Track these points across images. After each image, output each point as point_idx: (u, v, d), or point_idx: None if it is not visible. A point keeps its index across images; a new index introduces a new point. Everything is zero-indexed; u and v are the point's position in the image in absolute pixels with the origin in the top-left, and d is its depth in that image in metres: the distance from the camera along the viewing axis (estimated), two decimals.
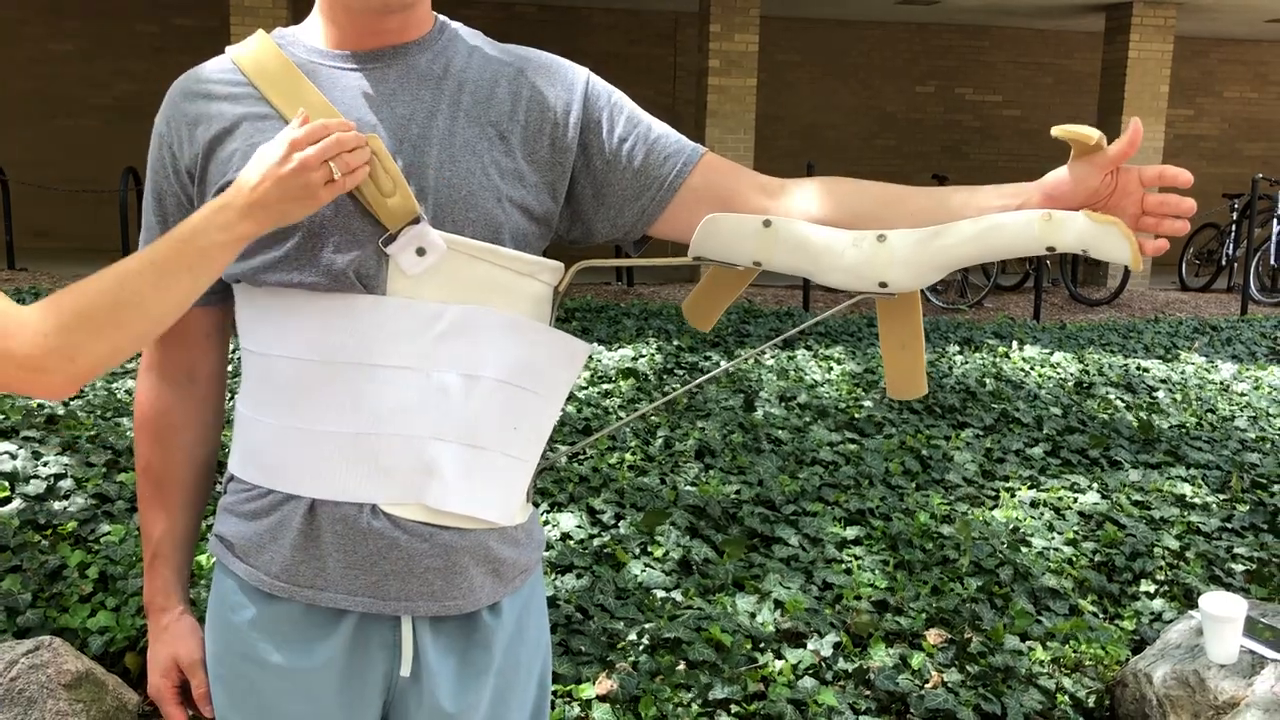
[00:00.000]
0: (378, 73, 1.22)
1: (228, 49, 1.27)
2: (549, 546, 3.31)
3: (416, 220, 1.17)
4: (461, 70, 1.25)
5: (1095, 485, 4.21)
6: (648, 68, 13.09)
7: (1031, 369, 6.02)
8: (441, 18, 1.29)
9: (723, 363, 5.47)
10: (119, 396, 4.37)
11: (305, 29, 1.27)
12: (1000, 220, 1.22)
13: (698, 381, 1.33)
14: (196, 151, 1.21)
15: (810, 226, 1.26)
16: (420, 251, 1.17)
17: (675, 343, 5.99)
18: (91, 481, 3.44)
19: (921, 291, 11.14)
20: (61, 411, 4.06)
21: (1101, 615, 3.32)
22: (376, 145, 1.16)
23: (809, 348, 6.03)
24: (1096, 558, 3.60)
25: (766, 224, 1.26)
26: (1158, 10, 11.18)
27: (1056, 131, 1.22)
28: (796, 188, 1.29)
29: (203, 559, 3.02)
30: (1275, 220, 10.65)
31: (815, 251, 1.25)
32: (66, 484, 3.41)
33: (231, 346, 4.15)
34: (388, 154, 1.17)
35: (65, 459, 3.56)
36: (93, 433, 3.83)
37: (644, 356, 5.53)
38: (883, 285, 1.24)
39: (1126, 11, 11.24)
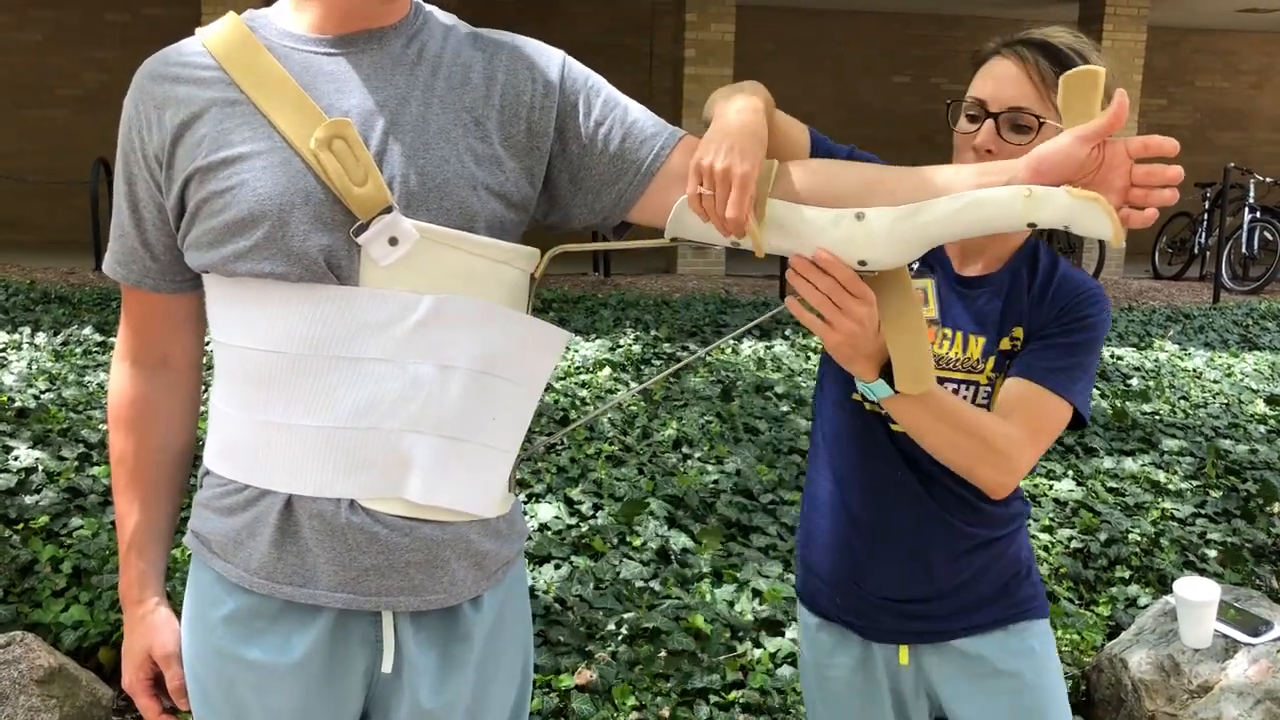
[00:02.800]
0: (352, 58, 1.20)
1: (197, 31, 1.24)
2: (527, 537, 3.30)
3: (388, 209, 1.14)
4: (436, 55, 1.23)
5: (1070, 473, 4.24)
6: (624, 57, 13.05)
7: None
8: (417, 1, 1.27)
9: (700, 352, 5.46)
10: (90, 389, 4.33)
11: (277, 11, 1.24)
12: (981, 196, 1.20)
13: (670, 370, 1.33)
14: (165, 136, 1.19)
15: (787, 205, 1.25)
16: (392, 241, 1.15)
17: (653, 333, 5.98)
18: (64, 475, 3.41)
19: None
20: (33, 405, 4.02)
21: (1077, 601, 3.34)
22: (349, 132, 1.14)
23: (786, 337, 6.03)
24: (1072, 544, 3.63)
25: None
26: (1132, 1, 11.24)
27: (1067, 76, 1.21)
28: (776, 166, 1.28)
29: (176, 552, 3.00)
30: (1247, 209, 10.74)
31: (793, 231, 1.25)
32: (38, 478, 3.38)
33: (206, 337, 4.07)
34: (360, 141, 1.14)
35: (37, 452, 3.52)
36: (64, 426, 3.79)
37: (621, 347, 5.52)
38: (862, 264, 1.23)
39: (1099, 1, 11.29)
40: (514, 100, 1.23)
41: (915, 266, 1.55)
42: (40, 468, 3.44)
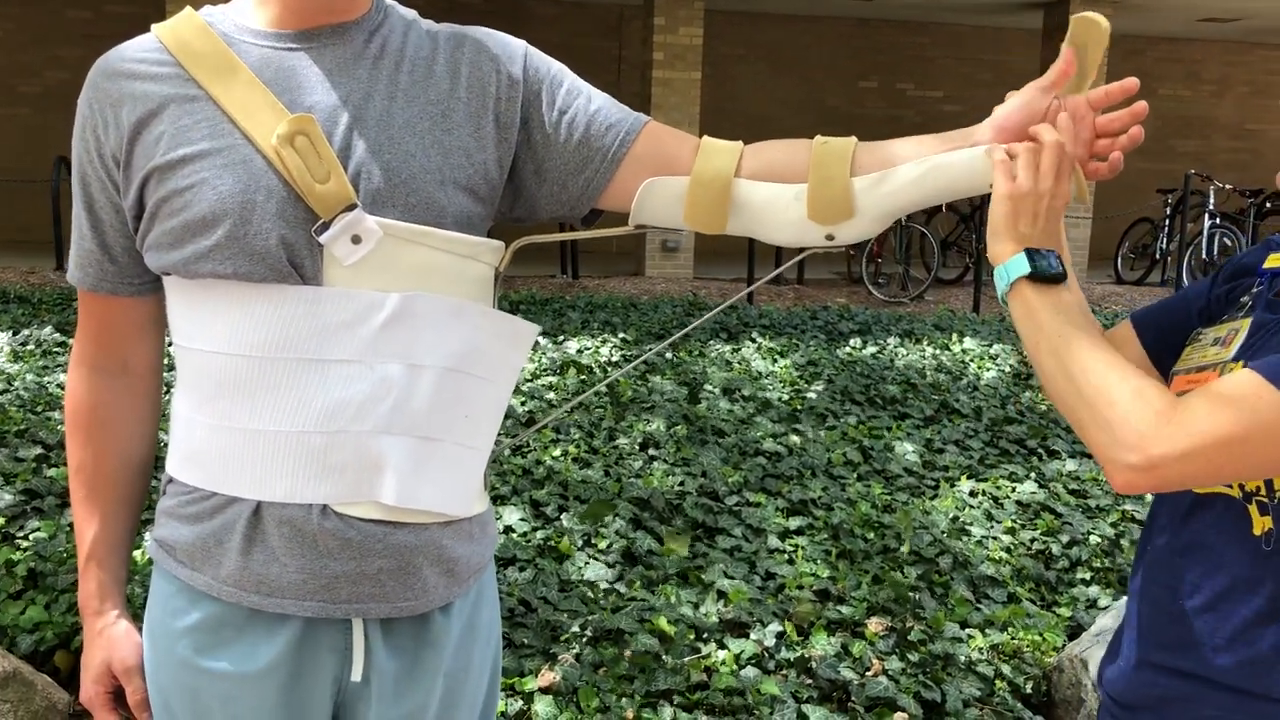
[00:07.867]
0: (313, 53, 1.18)
1: (153, 26, 1.21)
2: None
3: (351, 207, 1.13)
4: (398, 50, 1.21)
5: (1033, 475, 4.27)
6: (592, 60, 13.04)
7: (971, 361, 6.09)
8: None
9: (668, 355, 5.47)
10: (50, 390, 4.27)
11: (236, 6, 1.22)
12: (943, 160, 1.20)
13: (617, 374, 1.32)
14: (122, 134, 1.16)
15: (751, 184, 1.24)
16: (355, 239, 1.13)
17: (621, 335, 5.98)
18: (20, 477, 3.36)
19: (864, 283, 10.83)
20: None
21: (1039, 603, 3.37)
22: (311, 128, 1.12)
23: (753, 340, 6.05)
24: (1034, 546, 3.66)
25: None
26: (1094, 9, 11.36)
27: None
28: (742, 149, 1.28)
29: (138, 554, 2.96)
30: (1207, 215, 10.90)
31: (758, 209, 1.24)
32: None
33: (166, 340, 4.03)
34: (323, 138, 1.12)
35: None
36: (22, 427, 3.74)
37: (589, 349, 5.51)
38: (829, 237, 1.24)
39: (1064, 9, 11.42)
40: (480, 92, 1.22)
41: (1247, 302, 1.26)
42: None
